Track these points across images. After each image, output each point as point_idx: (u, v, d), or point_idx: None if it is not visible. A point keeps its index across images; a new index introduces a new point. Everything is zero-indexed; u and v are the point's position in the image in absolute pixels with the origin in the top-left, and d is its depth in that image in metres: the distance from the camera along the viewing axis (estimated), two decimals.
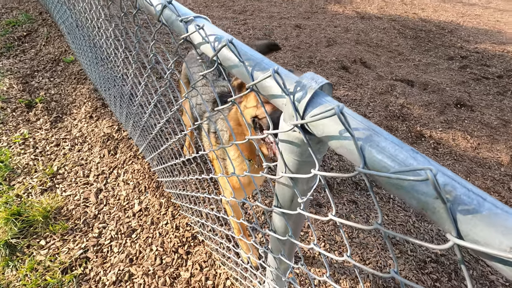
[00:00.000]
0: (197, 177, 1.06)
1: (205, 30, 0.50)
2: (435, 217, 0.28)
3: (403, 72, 3.63)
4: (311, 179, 0.49)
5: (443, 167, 0.29)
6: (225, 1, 5.07)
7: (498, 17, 5.90)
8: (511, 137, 2.78)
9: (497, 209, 0.25)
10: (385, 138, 0.32)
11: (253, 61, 0.44)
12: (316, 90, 0.37)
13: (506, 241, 0.24)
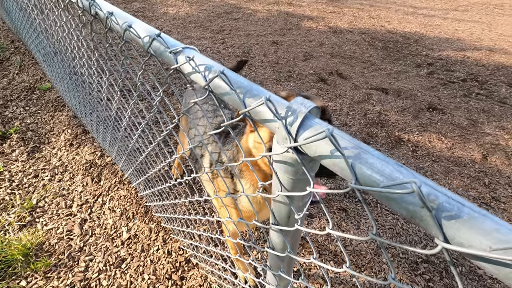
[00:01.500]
0: (189, 200, 1.05)
1: (195, 60, 0.52)
2: (423, 224, 0.31)
3: (377, 81, 3.84)
4: (306, 196, 0.51)
5: (425, 177, 0.32)
6: (202, 22, 5.19)
7: (456, 26, 6.44)
8: (480, 135, 2.98)
9: (475, 213, 0.29)
10: (372, 154, 0.35)
11: (244, 88, 0.47)
12: (306, 114, 0.40)
13: (486, 242, 0.27)
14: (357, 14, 6.62)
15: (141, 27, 0.65)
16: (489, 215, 0.28)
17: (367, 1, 7.98)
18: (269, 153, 0.46)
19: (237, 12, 5.89)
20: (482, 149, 2.80)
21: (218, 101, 0.54)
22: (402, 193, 0.29)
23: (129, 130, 1.23)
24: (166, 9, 5.62)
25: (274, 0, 7.07)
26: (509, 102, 3.58)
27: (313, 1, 7.35)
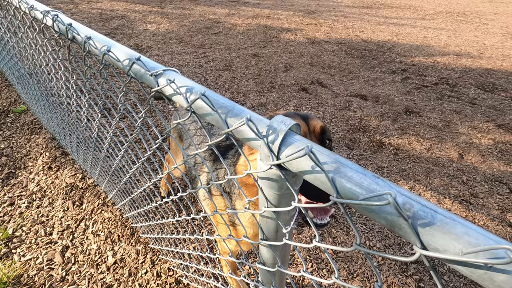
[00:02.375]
0: (177, 219, 1.03)
1: (176, 82, 0.53)
2: (402, 232, 0.33)
3: (356, 88, 3.98)
4: (292, 210, 0.52)
5: (400, 187, 0.34)
6: (183, 37, 5.23)
7: (424, 34, 6.86)
8: (455, 135, 3.13)
9: (446, 219, 0.31)
10: (350, 168, 0.37)
11: (225, 108, 0.48)
12: (287, 131, 0.42)
13: (458, 246, 0.29)
14: (332, 25, 6.91)
15: (121, 50, 0.66)
16: (459, 220, 0.30)
17: (341, 13, 8.37)
18: (253, 170, 0.47)
19: (217, 27, 5.99)
20: (458, 148, 2.94)
21: (202, 123, 0.55)
22: (379, 205, 0.31)
23: (111, 150, 1.20)
24: (145, 26, 5.63)
25: (253, 14, 7.27)
26: (478, 102, 3.82)
27: (291, 14, 7.62)
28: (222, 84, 3.78)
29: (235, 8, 7.72)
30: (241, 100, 3.47)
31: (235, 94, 3.59)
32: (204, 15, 6.80)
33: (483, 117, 3.48)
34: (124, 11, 6.45)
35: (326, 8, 8.80)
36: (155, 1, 7.58)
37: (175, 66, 4.08)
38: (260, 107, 3.37)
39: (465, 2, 11.56)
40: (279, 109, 3.36)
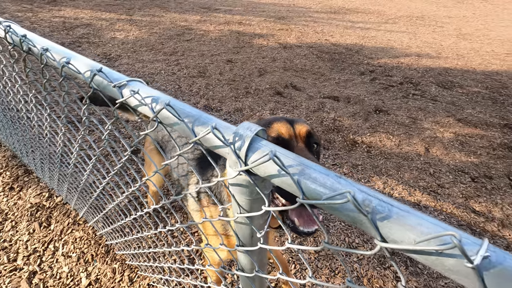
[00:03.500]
0: (154, 231, 1.00)
1: (141, 93, 0.52)
2: (364, 227, 0.34)
3: (328, 90, 4.13)
4: (264, 214, 0.53)
5: (360, 184, 0.36)
6: (154, 45, 5.12)
7: (388, 36, 7.28)
8: (420, 131, 3.34)
9: (401, 212, 0.33)
10: (314, 169, 0.38)
11: (192, 117, 0.48)
12: (253, 137, 0.43)
13: (412, 236, 0.31)
14: (303, 30, 7.13)
15: (82, 62, 0.63)
16: (413, 212, 0.33)
17: (311, 18, 8.67)
18: (222, 178, 0.47)
19: (189, 34, 5.94)
20: (424, 142, 3.14)
21: (170, 133, 0.54)
22: (340, 203, 0.32)
23: (79, 165, 1.14)
24: (113, 34, 5.44)
25: (225, 20, 7.31)
26: (439, 99, 4.11)
27: (262, 20, 7.76)
28: (196, 91, 3.74)
29: (206, 15, 7.71)
30: (217, 107, 3.46)
31: (210, 100, 3.56)
32: (175, 22, 6.72)
33: (444, 113, 3.74)
34: (89, 19, 6.20)
35: (296, 13, 9.07)
36: (123, 9, 7.37)
37: (147, 74, 3.98)
38: (236, 112, 3.38)
39: (422, 6, 12.46)
40: (255, 113, 3.39)
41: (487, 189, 2.54)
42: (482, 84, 4.67)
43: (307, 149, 0.85)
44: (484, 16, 10.97)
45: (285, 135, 0.85)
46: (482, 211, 2.31)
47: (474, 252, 0.28)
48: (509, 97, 4.28)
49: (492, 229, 2.16)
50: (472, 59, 5.90)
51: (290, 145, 0.84)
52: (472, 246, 0.29)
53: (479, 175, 2.70)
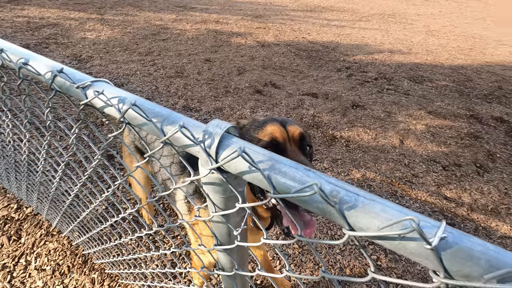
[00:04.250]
0: (137, 235, 0.97)
1: (106, 94, 0.50)
2: (333, 218, 0.35)
3: (307, 87, 4.19)
4: (240, 211, 0.53)
5: (329, 176, 0.37)
6: (128, 45, 4.95)
7: (363, 34, 7.52)
8: (395, 124, 3.49)
9: (367, 200, 0.34)
10: (284, 164, 0.39)
11: (161, 117, 0.47)
12: (223, 134, 0.42)
13: (377, 222, 0.32)
14: (280, 28, 7.19)
15: (42, 62, 0.60)
16: (377, 199, 0.34)
17: (288, 16, 8.75)
18: (194, 177, 0.46)
19: (165, 33, 5.80)
20: (399, 135, 3.28)
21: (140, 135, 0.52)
22: (309, 195, 0.33)
23: (48, 173, 1.08)
24: (83, 34, 5.20)
25: (201, 19, 7.20)
26: (411, 93, 4.30)
27: (239, 19, 7.73)
28: (174, 91, 3.67)
29: (182, 14, 7.56)
30: (196, 107, 3.41)
31: (189, 100, 3.51)
32: (150, 21, 6.53)
33: (416, 106, 3.93)
34: (56, 18, 5.87)
35: (273, 12, 9.12)
36: (93, 8, 7.05)
37: (122, 76, 3.84)
38: (217, 112, 3.35)
39: (393, 5, 12.98)
40: (235, 112, 3.38)
41: (457, 177, 2.70)
42: (449, 78, 4.94)
43: (300, 152, 0.86)
44: (450, 14, 11.63)
45: (279, 138, 0.85)
46: (452, 197, 2.46)
47: (433, 234, 0.30)
48: (474, 89, 4.57)
49: (462, 214, 2.30)
50: (440, 54, 6.24)
51: (284, 148, 0.84)
52: (431, 228, 0.31)
53: (449, 163, 2.86)
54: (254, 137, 0.86)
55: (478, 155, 3.01)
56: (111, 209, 0.90)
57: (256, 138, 0.85)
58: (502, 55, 6.47)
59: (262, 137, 0.85)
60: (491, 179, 2.70)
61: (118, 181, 0.66)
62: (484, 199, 2.46)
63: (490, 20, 10.70)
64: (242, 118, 3.31)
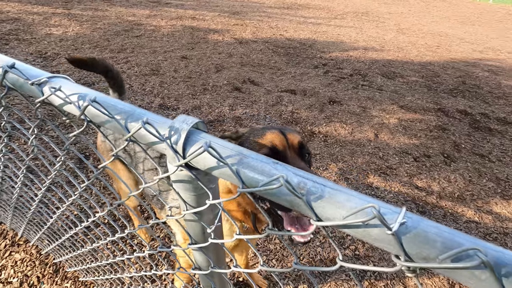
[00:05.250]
0: (112, 238, 0.93)
1: (64, 90, 0.47)
2: (301, 210, 0.36)
3: (285, 84, 4.23)
4: (214, 207, 0.52)
5: (295, 168, 0.37)
6: (98, 41, 4.71)
7: (338, 31, 7.70)
8: (370, 118, 3.62)
9: (333, 191, 0.34)
10: (252, 158, 0.38)
11: (125, 113, 0.45)
12: (190, 130, 0.41)
13: (342, 212, 0.33)
14: (258, 25, 7.18)
15: None
16: (343, 189, 0.35)
17: (265, 13, 8.76)
18: (163, 175, 0.45)
19: (138, 29, 5.59)
20: (373, 129, 3.40)
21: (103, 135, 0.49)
22: (275, 188, 0.33)
23: (10, 179, 1.01)
24: (49, 30, 4.88)
25: (177, 15, 7.02)
26: (384, 88, 4.48)
27: (216, 15, 7.62)
28: (150, 90, 3.55)
29: (156, 9, 7.32)
30: (174, 105, 3.33)
31: (165, 99, 3.41)
32: (122, 16, 6.26)
33: (389, 101, 4.10)
34: (17, 13, 5.46)
35: (250, 9, 9.09)
36: (59, 2, 6.63)
37: (92, 74, 3.65)
38: (195, 110, 3.29)
39: (366, 3, 13.41)
40: (214, 110, 3.34)
41: (427, 167, 2.86)
42: (419, 74, 5.21)
43: (300, 159, 0.88)
44: (418, 13, 12.22)
45: (280, 146, 0.86)
46: (423, 187, 2.60)
47: (394, 220, 0.31)
48: (441, 84, 4.85)
49: (432, 201, 2.44)
50: (410, 51, 6.54)
51: (285, 155, 0.86)
52: (392, 215, 0.32)
53: (420, 154, 3.02)
54: (254, 144, 0.87)
55: (446, 146, 3.21)
56: (81, 214, 0.85)
57: (256, 146, 0.87)
58: (465, 52, 6.92)
59: (262, 144, 0.86)
60: (457, 168, 2.88)
61: (84, 184, 0.63)
62: (451, 187, 2.63)
63: (453, 19, 11.39)
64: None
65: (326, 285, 1.71)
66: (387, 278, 1.78)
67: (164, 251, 0.62)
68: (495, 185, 2.71)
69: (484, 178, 2.78)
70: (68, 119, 0.52)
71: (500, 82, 5.19)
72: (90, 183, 0.63)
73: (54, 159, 0.69)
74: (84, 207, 1.82)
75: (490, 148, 3.26)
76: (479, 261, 0.26)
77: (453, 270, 0.29)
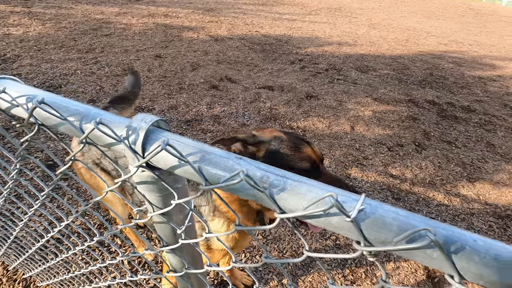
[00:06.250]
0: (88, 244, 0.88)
1: (10, 92, 0.43)
2: (266, 203, 0.36)
3: (262, 80, 4.24)
4: (183, 208, 0.51)
5: (258, 162, 0.37)
6: (64, 41, 4.45)
7: (313, 27, 7.82)
8: (346, 111, 3.72)
9: (295, 182, 0.35)
10: (215, 154, 0.38)
11: (79, 114, 0.42)
12: (150, 129, 0.40)
13: (304, 203, 0.33)
14: (233, 22, 7.12)
15: None
16: (304, 180, 0.35)
17: (240, 10, 8.70)
18: (123, 177, 0.43)
19: (107, 28, 5.34)
20: (349, 122, 3.50)
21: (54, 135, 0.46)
22: (236, 183, 0.32)
23: None
24: (7, 30, 4.53)
25: (148, 13, 6.79)
26: (358, 82, 4.62)
27: (190, 12, 7.46)
28: None
29: (126, 7, 7.03)
30: (149, 106, 3.22)
31: (140, 99, 3.29)
32: (89, 15, 5.95)
33: (363, 94, 4.24)
34: None
35: (225, 5, 8.98)
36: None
37: (59, 76, 3.45)
38: (171, 110, 3.21)
39: None
40: (191, 109, 3.27)
41: (400, 156, 2.99)
42: (390, 67, 5.42)
43: (326, 170, 0.97)
44: (388, 8, 12.69)
45: (316, 160, 0.95)
46: (397, 175, 2.72)
47: (353, 207, 0.32)
48: (410, 76, 5.08)
49: (406, 188, 2.57)
50: (381, 45, 6.79)
51: (319, 168, 0.95)
52: (352, 202, 0.32)
53: (393, 144, 3.16)
54: (292, 157, 0.91)
55: (416, 135, 3.37)
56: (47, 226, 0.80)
57: (295, 159, 0.91)
58: (432, 45, 7.29)
59: (302, 158, 0.91)
60: (428, 155, 3.04)
61: (44, 192, 0.59)
62: (423, 174, 2.77)
63: (420, 14, 11.95)
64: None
65: (310, 276, 1.74)
66: (366, 264, 1.85)
67: (135, 256, 0.59)
68: (462, 169, 2.89)
69: (451, 163, 2.96)
70: (18, 123, 0.48)
71: (464, 73, 5.54)
72: (50, 191, 0.59)
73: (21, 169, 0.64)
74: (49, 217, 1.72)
75: (456, 135, 3.47)
76: (429, 241, 0.27)
77: (409, 251, 0.30)
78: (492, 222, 2.34)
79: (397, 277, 1.81)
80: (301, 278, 1.73)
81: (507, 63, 6.51)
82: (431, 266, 0.30)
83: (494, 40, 8.56)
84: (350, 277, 1.77)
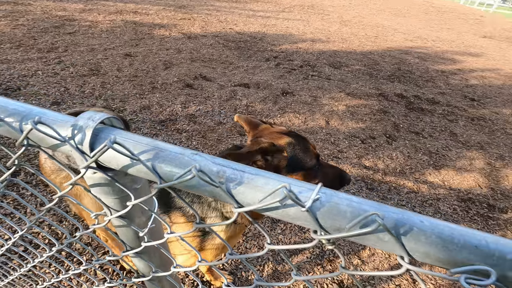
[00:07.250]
0: (56, 249, 0.82)
1: None
2: (223, 199, 0.35)
3: (238, 78, 4.21)
4: (144, 210, 0.49)
5: (214, 157, 0.36)
6: (21, 40, 4.13)
7: (286, 24, 7.89)
8: (321, 107, 3.80)
9: (252, 175, 0.34)
10: (170, 151, 0.36)
11: (19, 114, 0.38)
12: (99, 127, 0.37)
13: (260, 195, 0.33)
14: (206, 19, 7.00)
15: None
16: (261, 173, 0.34)
17: (213, 7, 8.57)
18: (73, 179, 0.40)
19: (71, 25, 5.02)
20: (324, 116, 3.59)
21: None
22: (190, 179, 0.31)
23: None
24: None
25: (116, 10, 6.48)
26: (332, 78, 4.74)
27: (161, 9, 7.22)
28: (90, 91, 3.23)
29: (92, 3, 6.66)
30: (119, 107, 3.09)
31: (109, 101, 3.15)
32: (49, 11, 5.56)
33: (337, 89, 4.35)
34: None
35: (197, 2, 8.80)
36: None
37: (17, 78, 3.20)
38: (143, 110, 3.10)
39: None
40: (165, 109, 3.18)
41: (372, 147, 3.11)
42: (361, 63, 5.61)
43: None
44: (358, 6, 13.13)
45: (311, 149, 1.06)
46: (370, 166, 2.83)
47: (309, 197, 0.32)
48: (380, 71, 5.30)
49: (379, 178, 2.68)
50: (353, 42, 7.01)
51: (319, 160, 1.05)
52: (307, 192, 0.32)
53: (366, 137, 3.28)
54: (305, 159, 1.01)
55: (387, 127, 3.53)
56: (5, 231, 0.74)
57: (308, 159, 1.01)
58: (399, 41, 7.66)
59: (311, 157, 1.02)
60: (398, 146, 3.20)
61: None
62: (394, 164, 2.91)
63: (388, 12, 12.50)
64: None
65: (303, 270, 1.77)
66: (343, 253, 1.91)
67: (99, 263, 0.56)
68: (428, 158, 3.08)
69: (419, 153, 3.13)
70: None
71: (428, 67, 5.88)
72: None
73: None
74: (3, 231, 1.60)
75: (423, 126, 3.68)
76: (378, 224, 0.28)
77: (362, 236, 0.31)
78: (456, 205, 2.51)
79: (372, 263, 1.89)
80: (255, 269, 1.75)
81: (465, 57, 7.01)
82: (385, 249, 0.31)
83: (453, 36, 9.17)
84: (329, 267, 1.82)
